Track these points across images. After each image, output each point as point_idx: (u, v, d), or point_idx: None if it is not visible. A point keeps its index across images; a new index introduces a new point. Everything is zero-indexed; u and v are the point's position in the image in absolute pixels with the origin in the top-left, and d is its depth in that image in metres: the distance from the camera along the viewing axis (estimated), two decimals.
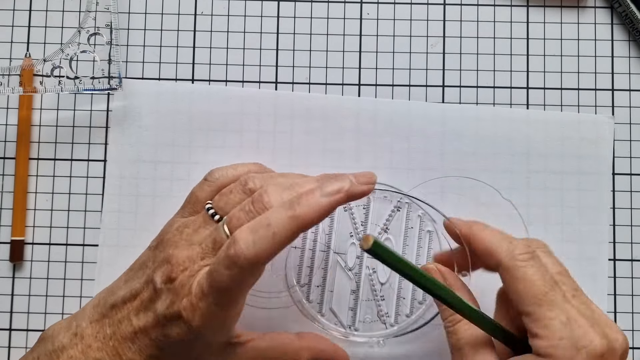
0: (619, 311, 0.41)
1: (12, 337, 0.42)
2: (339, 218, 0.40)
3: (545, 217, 0.42)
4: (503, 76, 0.43)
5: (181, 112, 0.42)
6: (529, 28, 0.43)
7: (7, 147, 0.43)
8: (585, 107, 0.43)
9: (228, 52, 0.43)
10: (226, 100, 0.42)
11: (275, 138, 0.42)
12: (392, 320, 0.40)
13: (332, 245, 0.40)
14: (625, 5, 0.42)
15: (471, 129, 0.42)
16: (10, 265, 0.42)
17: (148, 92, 0.42)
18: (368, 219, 0.41)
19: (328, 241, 0.40)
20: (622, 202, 0.42)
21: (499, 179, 0.42)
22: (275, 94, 0.43)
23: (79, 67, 0.42)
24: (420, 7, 0.44)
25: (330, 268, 0.40)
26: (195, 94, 0.42)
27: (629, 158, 0.42)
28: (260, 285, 0.35)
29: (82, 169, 0.43)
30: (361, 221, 0.41)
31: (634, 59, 0.43)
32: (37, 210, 0.42)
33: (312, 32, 0.43)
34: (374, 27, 0.43)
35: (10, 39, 0.43)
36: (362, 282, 0.40)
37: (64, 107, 0.43)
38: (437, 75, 0.43)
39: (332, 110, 0.42)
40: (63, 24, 0.44)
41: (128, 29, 0.43)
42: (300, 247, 0.40)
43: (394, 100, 0.43)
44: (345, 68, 0.43)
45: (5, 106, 0.43)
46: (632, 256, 0.42)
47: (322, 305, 0.40)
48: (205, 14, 0.44)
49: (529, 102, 0.43)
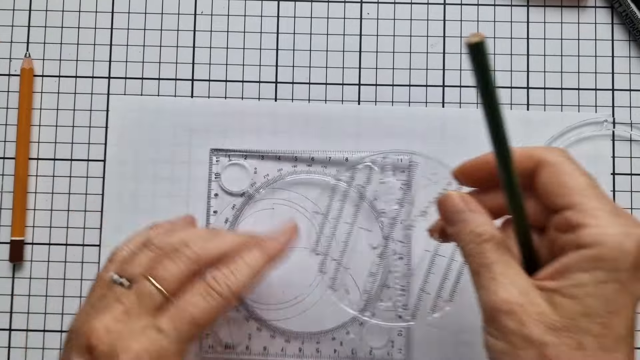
0: None
1: (11, 337, 0.42)
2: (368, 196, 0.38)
3: None
4: (503, 76, 0.43)
5: (181, 113, 0.42)
6: (529, 28, 0.43)
7: (7, 147, 0.43)
8: (586, 107, 0.43)
9: (228, 51, 0.43)
10: (225, 104, 0.43)
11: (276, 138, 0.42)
12: (410, 314, 0.38)
13: (358, 219, 0.38)
14: (626, 5, 0.42)
15: (471, 131, 0.42)
16: (10, 266, 0.42)
17: (148, 100, 0.43)
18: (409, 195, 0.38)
19: (355, 213, 0.38)
20: (622, 202, 0.42)
21: None
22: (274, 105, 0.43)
23: None
24: (420, 7, 0.43)
25: (350, 242, 0.38)
26: (196, 106, 0.43)
27: (629, 158, 0.42)
28: (259, 297, 0.39)
29: (82, 169, 0.43)
30: (397, 198, 0.38)
31: (634, 59, 0.43)
32: (37, 210, 0.42)
33: (312, 32, 0.43)
34: (374, 27, 0.43)
35: (10, 39, 0.43)
36: (383, 267, 0.38)
37: (63, 107, 0.43)
38: (437, 75, 0.43)
39: (333, 119, 0.42)
40: (63, 24, 0.44)
41: (128, 29, 0.43)
42: (323, 213, 0.38)
43: (394, 107, 0.43)
44: (345, 68, 0.43)
45: (5, 106, 0.43)
46: None
47: (334, 280, 0.39)
48: (205, 14, 0.44)
49: (529, 102, 0.43)
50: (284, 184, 0.41)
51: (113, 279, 0.31)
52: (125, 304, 0.29)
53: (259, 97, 0.43)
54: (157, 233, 0.34)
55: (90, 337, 0.29)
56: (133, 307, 0.29)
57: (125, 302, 0.30)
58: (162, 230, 0.35)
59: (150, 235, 0.34)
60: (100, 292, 0.31)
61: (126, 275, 0.31)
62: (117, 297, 0.30)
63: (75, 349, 0.29)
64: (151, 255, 0.31)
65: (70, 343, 0.30)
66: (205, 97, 0.43)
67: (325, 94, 0.43)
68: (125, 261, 0.32)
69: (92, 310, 0.30)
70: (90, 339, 0.29)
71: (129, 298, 0.30)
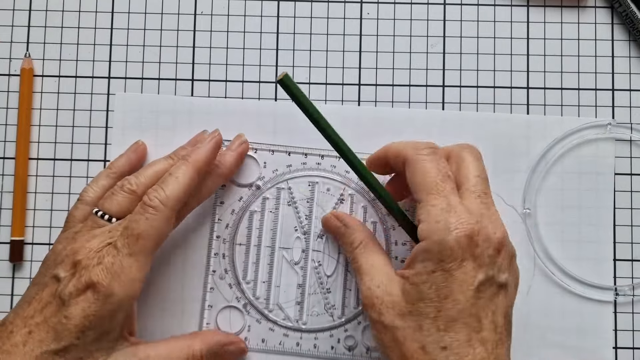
0: (618, 311, 0.41)
1: None
2: (284, 213, 0.41)
3: (545, 218, 0.42)
4: (503, 76, 0.43)
5: (181, 112, 0.42)
6: (529, 28, 0.43)
7: (7, 147, 0.43)
8: (586, 107, 0.43)
9: (228, 51, 0.43)
10: (225, 104, 0.43)
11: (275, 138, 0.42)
12: (339, 312, 0.41)
13: (278, 241, 0.41)
14: (626, 5, 0.42)
15: (470, 132, 0.42)
16: (10, 266, 0.42)
17: (149, 100, 0.43)
18: (312, 213, 0.41)
19: (273, 236, 0.41)
20: (622, 202, 0.42)
21: (500, 182, 0.42)
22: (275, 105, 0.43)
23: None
24: (420, 7, 0.43)
25: (275, 263, 0.41)
26: (195, 103, 0.43)
27: (629, 158, 0.42)
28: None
29: (82, 169, 0.43)
30: (305, 215, 0.41)
31: (634, 59, 0.43)
32: (37, 210, 0.42)
33: (312, 32, 0.43)
34: (374, 27, 0.43)
35: (10, 39, 0.43)
36: (308, 276, 0.41)
37: (63, 107, 0.43)
38: (437, 75, 0.43)
39: (333, 119, 0.42)
40: (63, 24, 0.44)
41: (128, 29, 0.43)
42: (245, 244, 0.41)
43: (395, 108, 0.43)
44: (345, 68, 0.43)
45: (5, 106, 0.43)
46: (632, 256, 0.42)
47: (269, 301, 0.41)
48: (205, 14, 0.44)
49: (529, 102, 0.43)
50: (291, 179, 0.42)
51: (99, 215, 0.36)
52: (112, 234, 0.35)
53: (259, 97, 0.43)
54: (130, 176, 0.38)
55: (77, 254, 0.34)
56: (101, 233, 0.35)
57: (113, 232, 0.35)
58: (119, 166, 0.40)
59: (122, 180, 0.38)
60: (80, 225, 0.36)
61: (108, 213, 0.36)
62: (107, 228, 0.35)
63: (60, 266, 0.34)
64: (125, 195, 0.37)
65: (49, 263, 0.35)
66: (205, 97, 0.43)
67: (325, 94, 0.43)
68: (105, 198, 0.37)
69: (77, 237, 0.35)
70: (77, 255, 0.34)
71: (117, 229, 0.35)
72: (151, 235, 0.34)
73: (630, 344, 0.41)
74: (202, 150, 0.37)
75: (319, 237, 0.41)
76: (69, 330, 0.32)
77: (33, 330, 0.33)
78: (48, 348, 0.32)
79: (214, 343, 0.38)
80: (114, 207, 0.36)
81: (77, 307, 0.33)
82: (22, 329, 0.33)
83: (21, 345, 0.32)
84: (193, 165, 0.37)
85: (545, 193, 0.42)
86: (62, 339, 0.32)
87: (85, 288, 0.33)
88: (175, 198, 0.35)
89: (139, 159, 0.41)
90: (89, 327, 0.33)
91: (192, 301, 0.41)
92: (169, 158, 0.39)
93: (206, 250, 0.41)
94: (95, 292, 0.33)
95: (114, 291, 0.33)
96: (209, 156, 0.38)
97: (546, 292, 0.41)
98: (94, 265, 0.33)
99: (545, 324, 0.41)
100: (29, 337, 0.33)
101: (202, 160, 0.37)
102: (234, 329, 0.41)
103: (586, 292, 0.41)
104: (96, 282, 0.33)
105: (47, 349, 0.32)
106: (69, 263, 0.34)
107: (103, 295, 0.33)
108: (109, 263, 0.33)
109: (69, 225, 0.37)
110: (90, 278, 0.33)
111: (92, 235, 0.35)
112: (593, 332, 0.41)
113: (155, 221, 0.34)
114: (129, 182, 0.37)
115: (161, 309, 0.41)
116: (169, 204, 0.35)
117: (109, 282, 0.33)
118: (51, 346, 0.32)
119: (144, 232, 0.34)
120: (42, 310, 0.33)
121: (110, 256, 0.34)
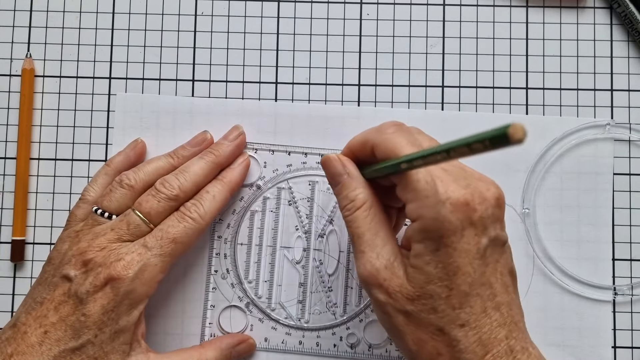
0: (617, 311, 0.41)
1: None
2: (284, 213, 0.42)
3: (544, 218, 0.42)
4: (502, 76, 0.43)
5: (182, 112, 0.42)
6: (529, 28, 0.44)
7: (7, 147, 0.43)
8: (584, 108, 0.43)
9: (228, 52, 0.43)
10: (226, 104, 0.43)
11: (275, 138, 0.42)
12: (341, 310, 0.41)
13: (279, 240, 0.41)
14: (625, 5, 0.42)
15: (470, 132, 0.42)
16: (11, 265, 0.42)
17: (149, 100, 0.43)
18: (313, 212, 0.41)
19: (274, 236, 0.41)
20: (621, 202, 0.42)
21: (499, 182, 0.42)
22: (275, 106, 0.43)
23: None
24: (420, 7, 0.44)
25: (277, 262, 0.41)
26: (195, 104, 0.43)
27: (628, 158, 0.43)
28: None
29: (83, 169, 0.43)
30: (306, 214, 0.42)
31: (633, 59, 0.43)
32: (38, 210, 0.43)
33: (312, 33, 0.43)
34: (373, 27, 0.44)
35: (11, 39, 0.44)
36: (309, 275, 0.41)
37: (64, 108, 0.43)
38: (437, 75, 0.43)
39: (333, 120, 0.42)
40: (64, 24, 0.44)
41: (129, 29, 0.44)
42: (246, 244, 0.41)
43: (394, 108, 0.43)
44: (345, 68, 0.43)
45: (6, 106, 0.43)
46: (631, 256, 0.42)
47: (270, 300, 0.41)
48: (206, 15, 0.44)
49: (528, 103, 0.43)
50: (292, 178, 0.42)
51: (99, 213, 0.37)
52: (116, 231, 0.35)
53: (259, 98, 0.43)
54: (128, 172, 0.39)
55: (86, 253, 0.34)
56: (124, 234, 0.35)
57: (117, 229, 0.35)
58: (117, 164, 0.40)
59: (120, 175, 0.39)
60: (81, 224, 0.37)
61: (108, 210, 0.37)
62: (109, 225, 0.36)
63: (67, 266, 0.34)
64: (124, 192, 0.37)
65: (55, 263, 0.35)
66: (205, 97, 0.43)
67: (325, 95, 0.43)
68: (104, 195, 0.38)
69: (80, 235, 0.36)
70: (86, 254, 0.34)
71: (121, 227, 0.36)
72: (185, 242, 0.36)
73: (629, 343, 0.41)
74: (236, 173, 0.40)
75: (320, 237, 0.41)
76: (87, 327, 0.33)
77: (49, 330, 0.33)
78: (66, 346, 0.33)
79: (224, 347, 0.39)
80: (112, 204, 0.37)
81: (95, 304, 0.33)
82: (37, 329, 0.33)
83: (37, 345, 0.33)
84: (228, 186, 0.39)
85: (544, 193, 0.42)
86: (80, 336, 0.33)
87: (104, 284, 0.33)
88: (212, 214, 0.37)
89: (138, 156, 0.41)
90: (107, 324, 0.33)
91: (194, 301, 0.41)
92: (169, 156, 0.40)
93: (207, 250, 0.41)
94: (114, 287, 0.33)
95: (135, 287, 0.34)
96: (242, 178, 0.40)
97: (545, 291, 0.41)
98: (113, 262, 0.34)
99: (544, 323, 0.41)
100: (45, 336, 0.33)
101: (235, 182, 0.40)
102: (236, 329, 0.41)
103: (585, 291, 0.41)
104: (117, 277, 0.34)
105: (65, 347, 0.33)
106: (79, 262, 0.34)
107: (123, 291, 0.34)
108: (133, 260, 0.34)
109: (70, 224, 0.38)
110: (110, 274, 0.34)
111: (96, 234, 0.36)
112: (592, 331, 0.41)
113: (191, 230, 0.36)
114: (127, 178, 0.38)
115: (163, 310, 0.41)
116: (205, 219, 0.37)
117: (131, 278, 0.34)
118: (69, 344, 0.33)
119: (179, 237, 0.36)
120: (56, 309, 0.34)
121: (136, 253, 0.35)
